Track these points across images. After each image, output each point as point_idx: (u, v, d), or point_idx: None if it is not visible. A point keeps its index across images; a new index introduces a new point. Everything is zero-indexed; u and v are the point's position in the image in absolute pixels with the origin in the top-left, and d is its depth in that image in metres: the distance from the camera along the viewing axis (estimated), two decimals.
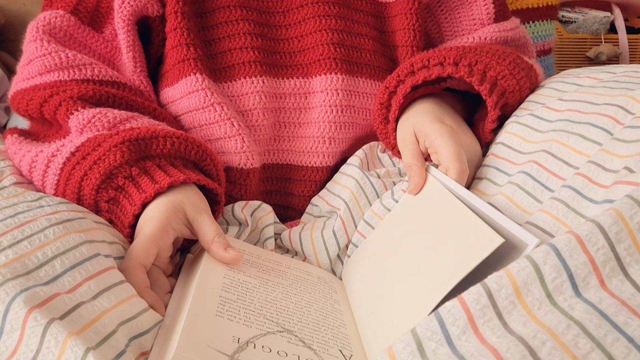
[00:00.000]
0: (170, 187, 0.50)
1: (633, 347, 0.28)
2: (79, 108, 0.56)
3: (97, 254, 0.40)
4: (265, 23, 0.69)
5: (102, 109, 0.57)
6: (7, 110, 0.98)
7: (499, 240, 0.39)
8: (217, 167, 0.57)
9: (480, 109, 0.64)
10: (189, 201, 0.50)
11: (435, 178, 0.53)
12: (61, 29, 0.64)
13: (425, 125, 0.56)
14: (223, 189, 0.57)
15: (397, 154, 0.63)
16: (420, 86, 0.62)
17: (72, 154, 0.53)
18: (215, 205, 0.55)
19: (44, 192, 0.56)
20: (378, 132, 0.65)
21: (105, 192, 0.50)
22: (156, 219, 0.48)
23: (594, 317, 0.29)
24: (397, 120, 0.63)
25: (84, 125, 0.55)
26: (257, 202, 0.62)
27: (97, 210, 0.51)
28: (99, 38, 0.66)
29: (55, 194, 0.54)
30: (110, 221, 0.51)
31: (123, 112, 0.58)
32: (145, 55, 0.67)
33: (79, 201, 0.52)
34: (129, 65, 0.65)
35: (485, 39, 0.71)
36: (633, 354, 0.28)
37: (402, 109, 0.63)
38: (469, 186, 0.55)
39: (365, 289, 0.52)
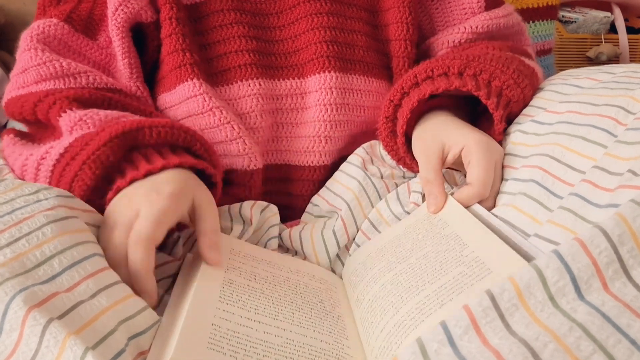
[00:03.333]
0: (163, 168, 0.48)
1: (635, 350, 0.28)
2: (73, 108, 0.55)
3: (94, 253, 0.40)
4: (260, 25, 0.68)
5: (93, 109, 0.56)
6: None
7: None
8: (208, 151, 0.55)
9: (478, 111, 0.64)
10: (199, 188, 0.50)
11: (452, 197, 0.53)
12: (55, 38, 0.63)
13: (462, 135, 0.56)
14: (219, 170, 0.55)
15: (404, 165, 0.63)
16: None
17: (62, 155, 0.52)
18: (212, 188, 0.53)
19: None
20: (384, 145, 0.64)
21: (100, 192, 0.49)
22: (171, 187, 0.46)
23: (596, 320, 0.29)
24: (404, 134, 0.62)
25: (74, 123, 0.54)
26: (265, 203, 0.62)
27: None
28: (93, 45, 0.66)
29: None
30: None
31: (115, 111, 0.56)
32: (141, 61, 0.67)
33: None
34: (125, 72, 0.64)
35: (477, 27, 0.70)
36: (635, 356, 0.28)
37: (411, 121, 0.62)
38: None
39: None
